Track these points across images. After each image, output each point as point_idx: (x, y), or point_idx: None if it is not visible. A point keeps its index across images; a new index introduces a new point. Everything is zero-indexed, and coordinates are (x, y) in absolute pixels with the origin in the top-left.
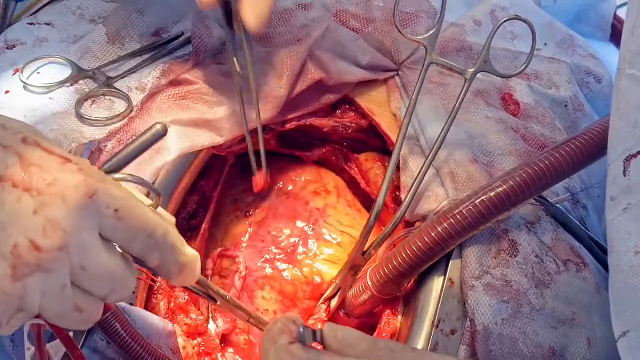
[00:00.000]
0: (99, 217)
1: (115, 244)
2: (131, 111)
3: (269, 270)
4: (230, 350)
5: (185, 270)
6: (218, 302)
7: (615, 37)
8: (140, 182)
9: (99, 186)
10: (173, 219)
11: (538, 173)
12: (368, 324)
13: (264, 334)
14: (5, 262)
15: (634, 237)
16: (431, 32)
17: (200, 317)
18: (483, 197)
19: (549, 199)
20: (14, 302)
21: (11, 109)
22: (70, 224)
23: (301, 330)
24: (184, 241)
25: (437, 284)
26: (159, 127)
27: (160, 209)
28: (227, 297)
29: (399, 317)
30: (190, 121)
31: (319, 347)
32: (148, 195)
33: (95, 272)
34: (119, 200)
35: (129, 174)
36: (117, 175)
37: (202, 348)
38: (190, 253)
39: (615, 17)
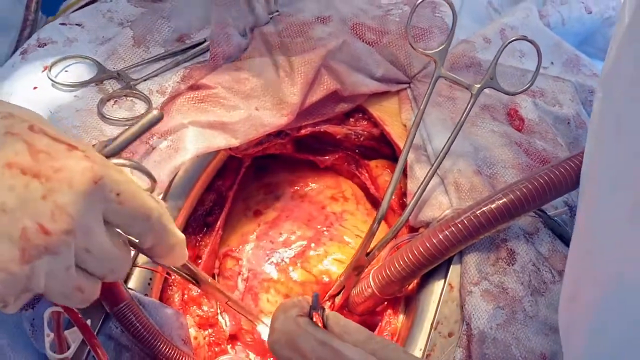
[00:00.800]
0: (104, 201)
1: (115, 227)
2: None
3: (274, 273)
4: (239, 344)
5: (174, 251)
6: (200, 285)
7: None
8: (137, 167)
9: (104, 172)
10: (164, 203)
11: (537, 188)
12: (369, 323)
13: (278, 306)
14: (14, 245)
15: None
16: (441, 47)
17: (212, 309)
18: (484, 208)
19: (547, 212)
20: (21, 283)
21: (38, 104)
22: (76, 209)
23: (312, 305)
24: (174, 224)
25: (437, 288)
26: (155, 112)
27: (153, 194)
28: (209, 280)
29: (400, 317)
30: (208, 123)
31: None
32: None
33: (97, 254)
34: (121, 185)
35: (127, 159)
36: (116, 160)
37: (212, 338)
38: (179, 235)
39: None
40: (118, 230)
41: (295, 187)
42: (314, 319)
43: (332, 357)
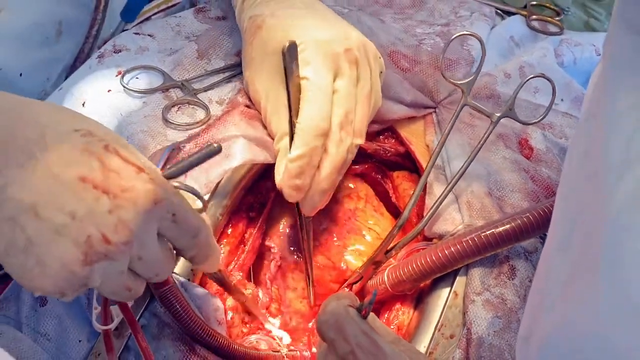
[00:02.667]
0: (160, 219)
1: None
2: (208, 120)
3: (300, 258)
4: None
5: (210, 261)
6: (224, 287)
7: None
8: (192, 191)
9: (164, 195)
10: (209, 222)
11: (538, 219)
12: (374, 309)
13: (331, 295)
14: (78, 249)
15: None
16: (469, 79)
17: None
18: (492, 230)
19: (546, 234)
20: (80, 281)
21: (109, 106)
22: (137, 225)
23: (360, 303)
24: (214, 239)
25: (443, 294)
26: (215, 146)
27: (203, 214)
28: (233, 284)
29: (407, 314)
30: (255, 138)
31: None
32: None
33: (148, 261)
34: (177, 207)
35: (184, 184)
36: (175, 183)
37: (246, 319)
38: (217, 249)
39: None
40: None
41: None
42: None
43: (369, 346)
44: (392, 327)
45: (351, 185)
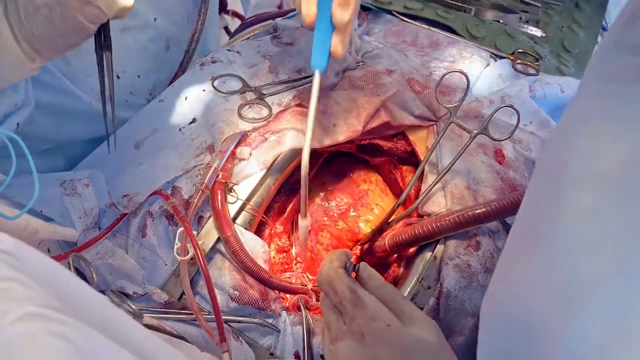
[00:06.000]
0: None
1: None
2: (270, 117)
3: (328, 222)
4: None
5: None
6: None
7: None
8: None
9: None
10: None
11: (500, 208)
12: (382, 262)
13: (327, 255)
14: None
15: None
16: (455, 104)
17: (287, 242)
18: (466, 213)
19: (506, 220)
20: None
21: (202, 101)
22: None
23: (348, 262)
24: None
25: (426, 257)
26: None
27: None
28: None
29: (401, 269)
30: (302, 130)
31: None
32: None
33: None
34: None
35: None
36: None
37: (284, 260)
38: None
39: None
40: None
41: (348, 172)
42: (349, 267)
43: (352, 297)
44: (388, 277)
45: (357, 172)
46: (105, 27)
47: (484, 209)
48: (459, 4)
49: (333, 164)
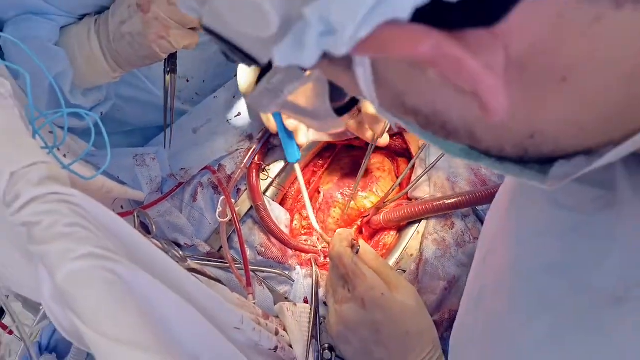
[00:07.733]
0: None
1: None
2: None
3: (339, 199)
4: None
5: None
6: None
7: None
8: None
9: None
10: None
11: (473, 198)
12: (378, 232)
13: (336, 234)
14: None
15: None
16: None
17: (306, 213)
18: (444, 201)
19: (476, 207)
20: None
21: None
22: None
23: (353, 242)
24: None
25: (412, 231)
26: None
27: None
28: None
29: (391, 238)
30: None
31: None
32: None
33: None
34: None
35: None
36: None
37: (304, 225)
38: None
39: None
40: None
41: (361, 160)
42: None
43: (355, 270)
44: (380, 244)
45: (374, 160)
46: (173, 55)
47: (459, 198)
48: None
49: (350, 152)
